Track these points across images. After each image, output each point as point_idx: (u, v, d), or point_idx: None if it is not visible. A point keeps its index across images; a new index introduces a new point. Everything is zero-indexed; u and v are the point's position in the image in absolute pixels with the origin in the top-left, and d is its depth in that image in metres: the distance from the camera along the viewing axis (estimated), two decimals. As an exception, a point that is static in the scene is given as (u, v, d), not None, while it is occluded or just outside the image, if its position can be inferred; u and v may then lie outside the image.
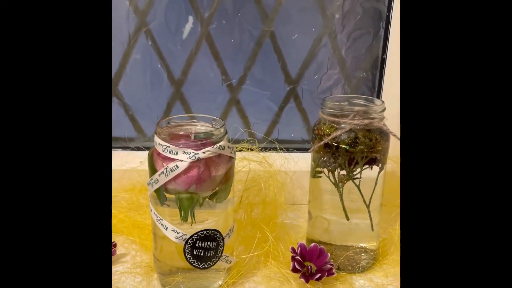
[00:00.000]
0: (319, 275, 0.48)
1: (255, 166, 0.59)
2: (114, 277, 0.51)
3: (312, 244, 0.52)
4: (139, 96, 0.70)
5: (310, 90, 0.71)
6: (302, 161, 0.65)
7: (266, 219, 0.56)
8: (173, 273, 0.48)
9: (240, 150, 0.61)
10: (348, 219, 0.53)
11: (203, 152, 0.43)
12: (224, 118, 0.71)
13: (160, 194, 0.45)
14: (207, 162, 0.44)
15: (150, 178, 0.44)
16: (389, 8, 0.66)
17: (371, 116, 0.49)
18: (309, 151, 0.50)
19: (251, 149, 0.60)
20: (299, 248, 0.51)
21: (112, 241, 0.55)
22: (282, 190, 0.60)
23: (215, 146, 0.44)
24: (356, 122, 0.48)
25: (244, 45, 0.68)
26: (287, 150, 0.65)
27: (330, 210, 0.53)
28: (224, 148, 0.44)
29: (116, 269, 0.52)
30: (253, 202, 0.57)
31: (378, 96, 0.69)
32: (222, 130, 0.45)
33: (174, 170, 0.42)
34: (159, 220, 0.46)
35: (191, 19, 0.67)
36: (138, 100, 0.71)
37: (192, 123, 0.48)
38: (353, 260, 0.53)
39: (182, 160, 0.42)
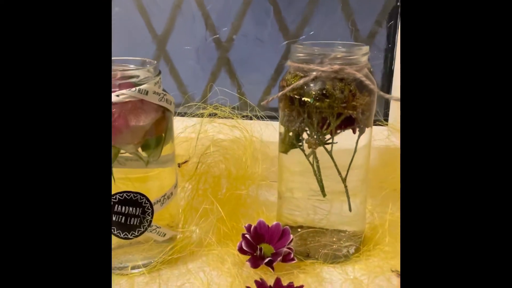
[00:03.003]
0: (268, 259, 0.39)
1: (228, 131, 0.51)
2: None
3: (275, 223, 0.42)
4: (118, 53, 0.64)
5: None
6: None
7: (227, 191, 0.47)
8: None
9: (211, 114, 0.52)
10: (324, 195, 0.42)
11: (117, 95, 0.35)
12: (213, 79, 0.63)
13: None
14: (125, 109, 0.36)
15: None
16: None
17: (345, 61, 0.38)
18: (262, 103, 0.40)
19: (224, 112, 0.51)
20: (256, 226, 0.42)
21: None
22: (257, 162, 0.50)
23: (133, 89, 0.36)
24: (323, 68, 0.38)
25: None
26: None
27: (302, 186, 0.43)
28: (146, 92, 0.36)
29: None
30: (214, 172, 0.48)
31: (392, 52, 0.57)
32: (148, 72, 0.37)
33: (80, 116, 0.35)
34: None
35: (173, -36, 0.59)
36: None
37: (122, 66, 0.41)
38: (329, 247, 0.43)
39: (89, 104, 0.35)
